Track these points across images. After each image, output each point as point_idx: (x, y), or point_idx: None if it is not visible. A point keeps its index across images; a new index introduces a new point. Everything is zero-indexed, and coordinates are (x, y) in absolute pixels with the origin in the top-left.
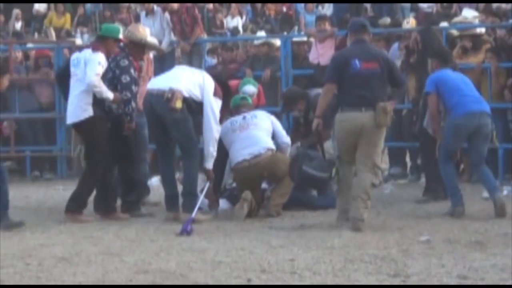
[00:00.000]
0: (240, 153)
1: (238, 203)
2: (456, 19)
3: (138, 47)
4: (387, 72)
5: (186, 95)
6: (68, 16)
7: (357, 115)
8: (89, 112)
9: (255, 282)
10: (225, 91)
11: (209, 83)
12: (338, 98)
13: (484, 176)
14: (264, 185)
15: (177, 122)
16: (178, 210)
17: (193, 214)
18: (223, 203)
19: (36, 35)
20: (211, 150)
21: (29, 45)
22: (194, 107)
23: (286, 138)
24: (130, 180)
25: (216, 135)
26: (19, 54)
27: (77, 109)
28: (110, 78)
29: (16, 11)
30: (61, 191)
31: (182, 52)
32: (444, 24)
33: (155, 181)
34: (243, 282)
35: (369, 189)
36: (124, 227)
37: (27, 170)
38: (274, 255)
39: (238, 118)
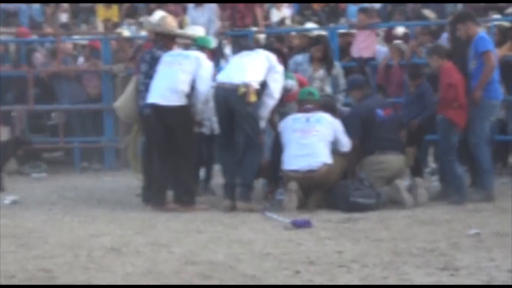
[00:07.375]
0: (295, 160)
1: (287, 195)
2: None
3: (168, 38)
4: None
5: (258, 86)
6: (115, 8)
7: (395, 158)
8: (182, 101)
9: (303, 274)
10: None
11: (272, 59)
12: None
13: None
14: None
15: (249, 116)
16: (236, 199)
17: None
18: (279, 194)
19: (83, 26)
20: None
21: (76, 36)
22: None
23: (346, 147)
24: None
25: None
26: (69, 46)
27: (174, 94)
28: (146, 70)
29: (63, 3)
30: (108, 182)
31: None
32: (496, 16)
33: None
34: (291, 274)
35: None
36: (172, 218)
37: (75, 161)
38: (322, 247)
39: (301, 118)
